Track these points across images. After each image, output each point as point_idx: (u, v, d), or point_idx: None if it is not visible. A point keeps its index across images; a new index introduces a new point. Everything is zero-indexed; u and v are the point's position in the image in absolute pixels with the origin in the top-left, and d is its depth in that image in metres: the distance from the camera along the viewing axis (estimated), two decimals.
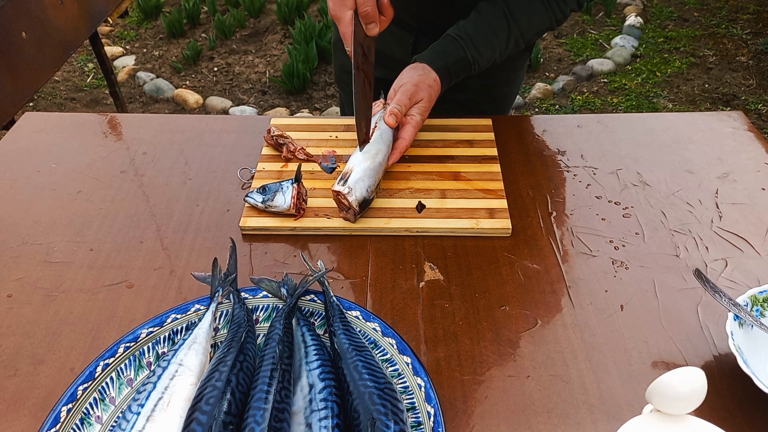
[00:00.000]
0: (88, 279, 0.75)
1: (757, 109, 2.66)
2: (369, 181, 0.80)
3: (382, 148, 0.84)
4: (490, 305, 0.70)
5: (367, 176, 0.80)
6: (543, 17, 0.90)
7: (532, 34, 0.91)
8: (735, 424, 0.59)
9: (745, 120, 0.99)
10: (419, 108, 0.87)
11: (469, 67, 0.90)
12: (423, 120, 0.88)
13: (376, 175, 0.82)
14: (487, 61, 0.91)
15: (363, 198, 0.79)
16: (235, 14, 3.27)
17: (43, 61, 1.56)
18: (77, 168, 0.92)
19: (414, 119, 0.87)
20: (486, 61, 0.91)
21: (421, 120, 0.88)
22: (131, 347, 0.62)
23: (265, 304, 0.68)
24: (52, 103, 2.85)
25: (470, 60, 0.89)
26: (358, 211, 0.79)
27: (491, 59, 0.91)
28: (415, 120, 0.87)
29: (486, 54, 0.90)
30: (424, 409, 0.56)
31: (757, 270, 0.74)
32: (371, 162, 0.82)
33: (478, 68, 0.91)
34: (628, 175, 0.89)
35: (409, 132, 0.86)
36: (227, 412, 0.52)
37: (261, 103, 2.83)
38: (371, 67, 0.84)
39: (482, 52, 0.89)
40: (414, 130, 0.87)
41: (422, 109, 0.87)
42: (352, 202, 0.78)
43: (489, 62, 0.91)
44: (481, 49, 0.89)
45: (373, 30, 0.79)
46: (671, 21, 3.29)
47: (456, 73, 0.90)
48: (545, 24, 0.91)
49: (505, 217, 0.80)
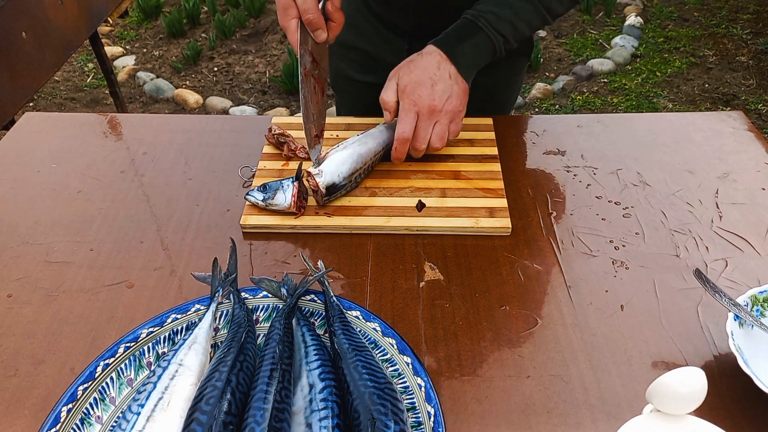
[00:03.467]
0: (88, 279, 0.75)
1: (757, 109, 2.65)
2: (342, 168, 0.82)
3: (369, 143, 0.86)
4: (490, 305, 0.70)
5: (341, 162, 0.82)
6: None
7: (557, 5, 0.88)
8: (735, 424, 0.59)
9: (745, 120, 0.99)
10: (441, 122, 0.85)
11: (492, 46, 0.86)
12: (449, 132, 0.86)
13: (352, 163, 0.83)
14: (513, 36, 0.86)
15: (332, 182, 0.80)
16: (235, 14, 3.27)
17: (43, 61, 1.56)
18: (77, 168, 0.92)
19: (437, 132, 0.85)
20: (512, 37, 0.86)
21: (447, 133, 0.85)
22: (131, 347, 0.62)
23: (265, 304, 0.68)
24: (52, 103, 2.85)
25: (492, 40, 0.85)
26: (324, 194, 0.80)
27: (518, 38, 0.87)
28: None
29: (507, 29, 0.86)
30: (424, 409, 0.56)
31: (757, 270, 0.74)
32: (350, 150, 0.84)
33: (504, 46, 0.87)
34: (628, 175, 0.89)
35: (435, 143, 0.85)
36: (227, 412, 0.52)
37: (261, 103, 2.83)
38: (324, 73, 0.84)
39: (503, 28, 0.85)
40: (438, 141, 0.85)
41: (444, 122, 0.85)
42: (319, 183, 0.80)
43: (517, 41, 0.87)
44: (502, 26, 0.85)
45: (320, 36, 0.79)
46: (671, 21, 3.29)
47: (477, 52, 0.86)
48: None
49: (505, 216, 0.80)
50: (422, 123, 0.83)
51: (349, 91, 1.15)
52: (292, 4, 0.77)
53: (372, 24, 1.05)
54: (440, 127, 0.84)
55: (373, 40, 1.06)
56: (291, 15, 0.77)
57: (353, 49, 0.91)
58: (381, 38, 1.05)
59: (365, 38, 1.06)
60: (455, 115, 0.85)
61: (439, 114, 0.83)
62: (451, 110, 0.84)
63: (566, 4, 0.88)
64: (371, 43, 1.07)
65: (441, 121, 0.84)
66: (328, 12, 0.79)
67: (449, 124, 0.85)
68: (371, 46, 1.07)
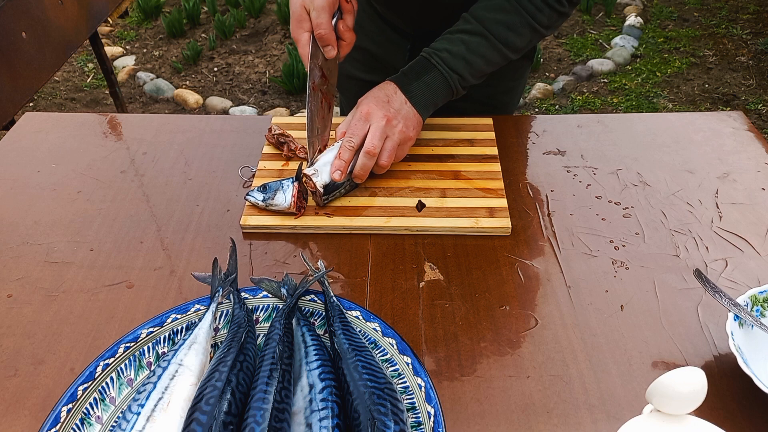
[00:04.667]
0: (88, 279, 0.75)
1: (757, 109, 2.65)
2: None
3: None
4: (490, 305, 0.70)
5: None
6: (515, 20, 0.83)
7: (514, 42, 0.85)
8: (735, 424, 0.59)
9: (745, 120, 0.99)
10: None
11: (447, 84, 0.84)
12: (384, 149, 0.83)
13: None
14: (472, 76, 0.85)
15: (328, 182, 0.80)
16: (235, 14, 3.27)
17: (43, 61, 1.56)
18: (77, 168, 0.92)
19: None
20: (470, 77, 0.85)
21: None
22: (131, 347, 0.62)
23: (265, 304, 0.68)
24: (52, 103, 2.85)
25: (446, 77, 0.84)
26: (322, 193, 0.80)
27: (474, 75, 0.86)
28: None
29: (465, 71, 0.84)
30: (424, 409, 0.56)
31: (757, 270, 0.74)
32: None
33: (460, 87, 0.86)
34: (628, 175, 0.89)
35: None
36: (227, 412, 0.52)
37: (261, 103, 2.83)
38: (332, 89, 0.85)
39: (458, 69, 0.84)
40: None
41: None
42: (316, 183, 0.79)
43: (475, 78, 0.86)
44: (457, 66, 0.84)
45: (330, 53, 0.80)
46: (671, 21, 3.29)
47: (433, 91, 0.85)
48: (523, 29, 0.84)
49: (505, 217, 0.80)
50: (374, 129, 0.80)
51: (353, 91, 1.15)
52: (306, 18, 0.77)
53: (376, 24, 1.05)
54: (390, 143, 0.81)
55: (378, 40, 1.06)
56: (304, 28, 0.78)
57: (357, 49, 0.91)
58: (385, 38, 1.05)
59: (369, 38, 1.06)
60: (405, 138, 0.83)
61: (392, 128, 0.81)
62: (404, 130, 0.82)
63: (526, 36, 0.85)
64: (375, 43, 1.07)
65: (392, 137, 0.81)
66: (339, 31, 0.80)
67: (398, 145, 0.82)
68: (375, 46, 1.07)
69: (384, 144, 0.81)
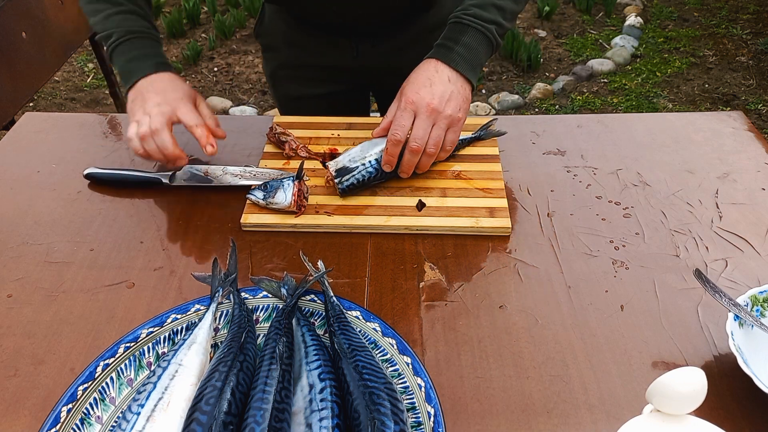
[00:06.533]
0: (88, 279, 0.75)
1: (757, 109, 2.65)
2: (352, 154, 0.83)
3: (379, 141, 0.86)
4: (490, 305, 0.70)
5: (352, 151, 0.84)
6: None
7: None
8: (735, 424, 0.59)
9: (745, 120, 0.99)
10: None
11: (487, 39, 0.83)
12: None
13: (361, 151, 0.84)
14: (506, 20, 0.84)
15: (343, 166, 0.82)
16: (235, 14, 3.27)
17: (43, 61, 1.56)
18: (77, 168, 0.92)
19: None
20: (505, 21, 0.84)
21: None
22: (131, 347, 0.62)
23: (265, 304, 0.68)
24: (52, 103, 2.85)
25: (484, 32, 0.82)
26: (334, 176, 0.81)
27: (507, 18, 0.84)
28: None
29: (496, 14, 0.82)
30: (424, 409, 0.56)
31: (757, 270, 0.74)
32: (361, 144, 0.85)
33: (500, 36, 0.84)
34: (628, 175, 0.89)
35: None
36: (227, 412, 0.52)
37: (261, 103, 2.83)
38: None
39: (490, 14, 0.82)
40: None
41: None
42: (330, 167, 0.82)
43: (509, 21, 0.84)
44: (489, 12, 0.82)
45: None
46: (671, 21, 3.29)
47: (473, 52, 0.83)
48: None
49: (505, 216, 0.80)
50: (419, 122, 0.79)
51: (305, 110, 1.11)
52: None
53: (312, 35, 1.04)
54: (437, 131, 0.80)
55: (319, 51, 1.05)
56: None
57: (303, 67, 0.90)
58: (326, 44, 1.04)
59: (309, 51, 1.05)
60: (454, 121, 0.81)
61: (438, 115, 0.79)
62: (450, 114, 0.80)
63: None
64: (318, 53, 1.05)
65: (439, 124, 0.80)
66: (213, 131, 0.85)
67: (446, 131, 0.81)
68: (319, 56, 1.06)
69: (430, 133, 0.80)
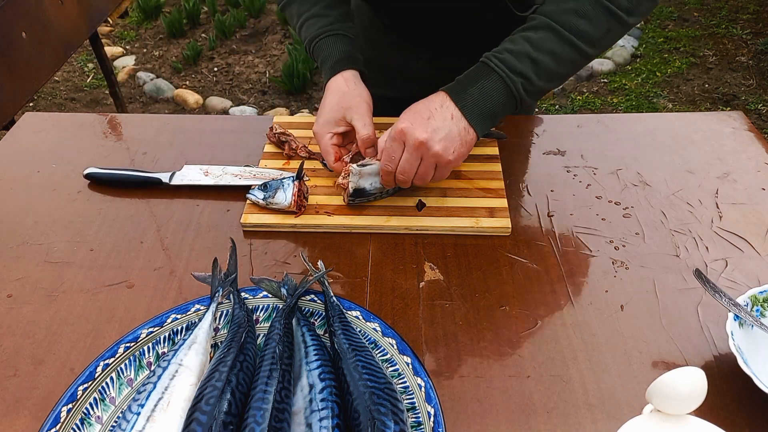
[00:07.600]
0: (88, 279, 0.75)
1: (757, 109, 2.65)
2: (376, 181, 0.80)
3: None
4: (490, 305, 0.70)
5: (377, 174, 0.80)
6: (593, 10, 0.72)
7: (594, 36, 0.73)
8: (735, 424, 0.59)
9: (745, 120, 0.99)
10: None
11: (507, 89, 0.74)
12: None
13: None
14: (540, 80, 0.74)
15: (361, 187, 0.80)
16: (235, 14, 3.27)
17: (43, 61, 1.56)
18: (77, 168, 0.92)
19: None
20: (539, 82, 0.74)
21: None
22: (131, 347, 0.62)
23: (265, 304, 0.68)
24: (52, 103, 2.85)
25: (506, 81, 0.73)
26: (350, 192, 0.80)
27: (542, 76, 0.74)
28: None
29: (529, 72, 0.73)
30: (424, 409, 0.56)
31: (757, 270, 0.74)
32: None
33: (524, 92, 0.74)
34: (628, 175, 0.89)
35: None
36: (227, 412, 0.52)
37: (261, 103, 2.83)
38: None
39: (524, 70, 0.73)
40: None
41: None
42: (349, 183, 0.80)
43: (543, 80, 0.74)
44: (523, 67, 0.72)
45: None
46: (671, 21, 3.29)
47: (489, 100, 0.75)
48: (597, 13, 0.72)
49: (505, 217, 0.80)
50: (406, 155, 0.74)
51: (377, 110, 1.06)
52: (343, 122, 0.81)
53: (385, 34, 1.03)
54: (424, 168, 0.75)
55: (389, 50, 1.03)
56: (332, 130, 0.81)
57: (369, 62, 0.86)
58: (396, 47, 1.02)
59: (379, 48, 1.03)
60: (442, 161, 0.74)
61: (426, 151, 0.73)
62: (439, 153, 0.73)
63: (602, 22, 0.72)
64: (387, 53, 1.04)
65: (426, 161, 0.74)
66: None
67: (435, 168, 0.75)
68: (388, 56, 1.04)
69: (418, 169, 0.75)
